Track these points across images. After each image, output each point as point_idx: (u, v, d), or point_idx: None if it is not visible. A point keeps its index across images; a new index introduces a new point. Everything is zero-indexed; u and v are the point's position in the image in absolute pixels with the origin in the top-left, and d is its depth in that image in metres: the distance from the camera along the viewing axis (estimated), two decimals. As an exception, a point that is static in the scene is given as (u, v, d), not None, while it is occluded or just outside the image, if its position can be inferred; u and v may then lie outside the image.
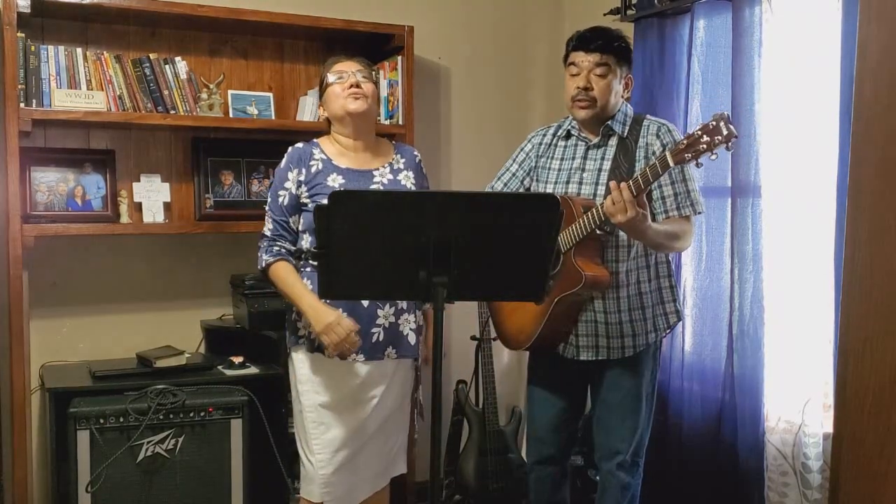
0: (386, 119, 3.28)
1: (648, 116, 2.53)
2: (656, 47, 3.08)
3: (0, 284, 2.79)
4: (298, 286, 2.39)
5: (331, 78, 2.48)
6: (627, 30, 3.19)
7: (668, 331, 2.55)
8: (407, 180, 2.54)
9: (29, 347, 2.85)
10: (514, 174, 2.65)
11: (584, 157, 2.50)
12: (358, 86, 2.45)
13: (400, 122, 3.26)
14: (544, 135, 2.64)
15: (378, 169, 2.51)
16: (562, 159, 2.55)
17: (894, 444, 1.83)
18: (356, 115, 2.45)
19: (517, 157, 2.67)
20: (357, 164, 2.49)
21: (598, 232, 2.33)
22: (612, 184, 2.19)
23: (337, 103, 2.46)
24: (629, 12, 3.17)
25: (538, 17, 3.79)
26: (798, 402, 2.66)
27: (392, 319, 2.42)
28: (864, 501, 1.90)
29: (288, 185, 2.45)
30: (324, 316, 2.31)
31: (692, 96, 2.97)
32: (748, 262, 2.74)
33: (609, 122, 2.47)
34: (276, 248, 2.44)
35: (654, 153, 2.42)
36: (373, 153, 2.54)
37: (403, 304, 2.44)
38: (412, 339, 2.48)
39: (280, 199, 2.45)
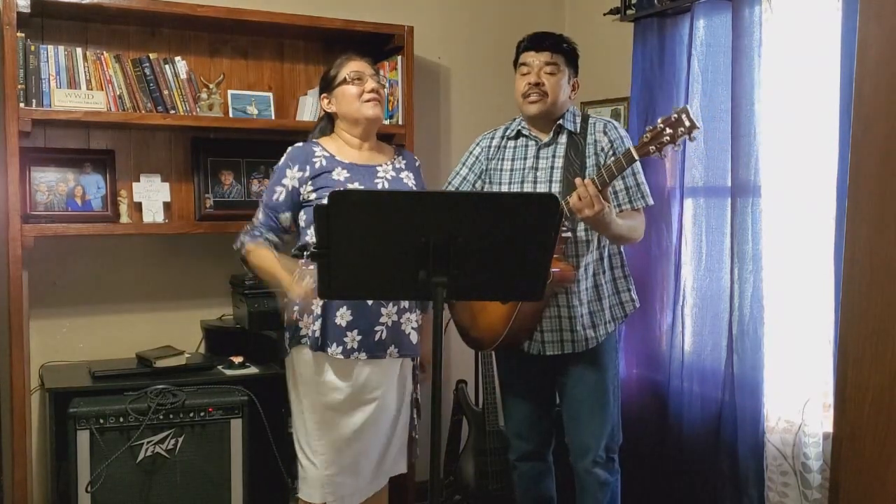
0: (386, 119, 3.28)
1: (592, 115, 2.60)
2: (656, 47, 3.08)
3: (0, 284, 2.80)
4: (276, 266, 2.37)
5: (346, 76, 2.48)
6: (627, 30, 3.20)
7: (624, 319, 2.61)
8: (408, 179, 2.56)
9: (29, 347, 2.85)
10: (464, 178, 2.69)
11: (536, 157, 2.56)
12: (377, 91, 2.47)
13: (400, 122, 3.25)
14: (492, 137, 2.69)
15: (381, 165, 2.52)
16: (513, 159, 2.60)
17: (894, 444, 1.83)
18: (372, 120, 2.48)
19: (466, 160, 2.71)
20: (361, 159, 2.51)
21: (560, 229, 2.38)
22: (578, 180, 2.24)
23: (353, 105, 2.47)
24: (629, 12, 3.17)
25: (538, 17, 3.79)
26: (798, 402, 2.66)
27: (395, 318, 2.43)
28: (864, 501, 1.90)
29: (286, 181, 2.45)
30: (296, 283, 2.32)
31: (692, 96, 2.97)
32: (748, 262, 2.74)
33: (560, 121, 2.54)
34: (258, 233, 2.46)
35: (602, 149, 2.50)
36: (375, 152, 2.55)
37: (405, 303, 2.45)
38: (413, 338, 2.48)
39: (276, 195, 2.46)
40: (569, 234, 2.46)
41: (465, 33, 3.68)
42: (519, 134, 2.61)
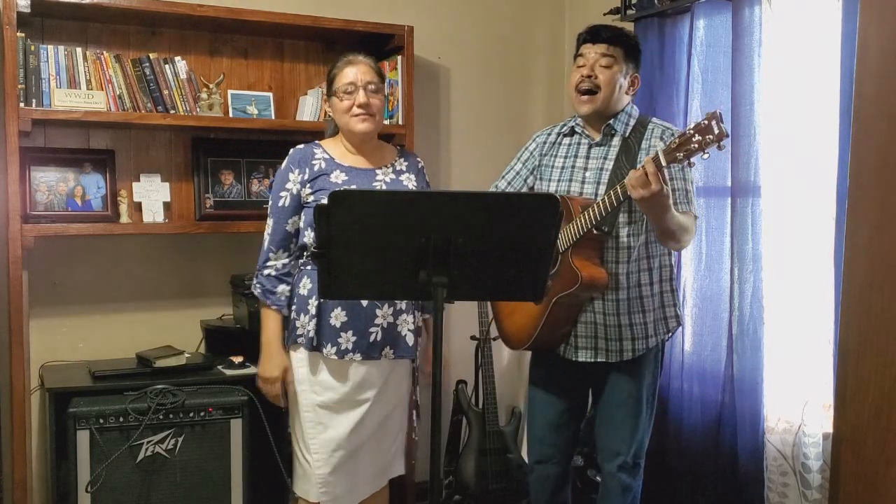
0: (386, 119, 3.28)
1: (654, 120, 2.51)
2: (656, 47, 3.08)
3: (0, 284, 2.79)
4: (269, 344, 2.48)
5: (338, 88, 2.45)
6: (627, 30, 3.19)
7: (668, 335, 2.54)
8: (409, 181, 2.55)
9: (29, 347, 2.84)
10: (518, 173, 2.65)
11: (587, 157, 2.50)
12: (367, 104, 2.43)
13: (400, 122, 3.26)
14: (549, 133, 2.64)
15: (381, 168, 2.52)
16: (565, 157, 2.55)
17: (894, 444, 1.83)
18: (362, 135, 2.47)
19: (521, 155, 2.67)
20: (360, 163, 2.50)
21: (594, 231, 2.33)
22: (647, 158, 2.15)
23: (343, 119, 2.46)
24: (629, 12, 3.17)
25: (538, 17, 3.79)
26: (798, 402, 2.66)
27: (390, 319, 2.42)
28: (864, 501, 1.90)
29: (289, 185, 2.45)
30: (269, 367, 2.46)
31: (692, 96, 2.97)
32: (748, 262, 2.74)
33: (611, 122, 2.46)
34: (267, 274, 2.46)
35: None
36: (376, 154, 2.55)
37: (402, 305, 2.45)
38: (410, 339, 2.48)
39: (281, 202, 2.46)
40: (604, 237, 2.37)
41: (465, 33, 3.68)
42: (573, 131, 2.56)
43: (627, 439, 2.50)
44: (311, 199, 2.43)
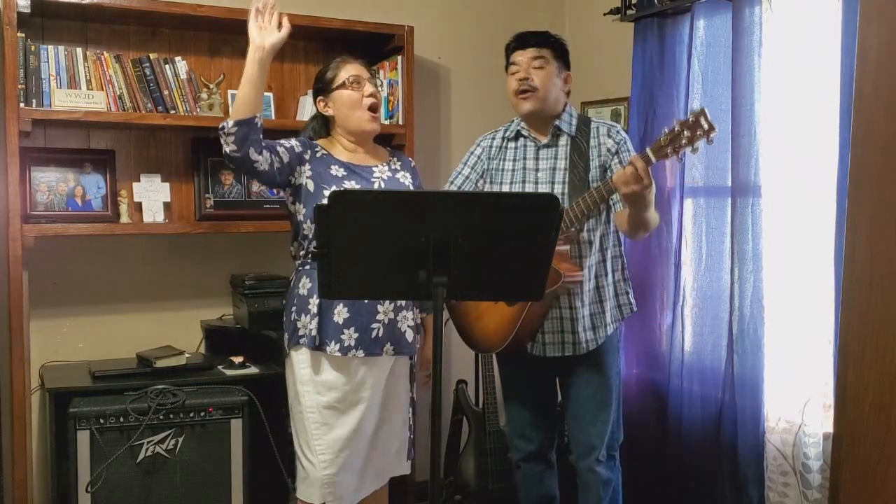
0: (386, 119, 3.28)
1: (594, 119, 2.60)
2: (656, 47, 3.08)
3: (0, 284, 2.79)
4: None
5: (345, 80, 2.48)
6: (627, 30, 3.20)
7: (621, 321, 2.61)
8: (405, 178, 2.58)
9: (29, 347, 2.85)
10: (466, 177, 2.70)
11: (536, 158, 2.57)
12: (375, 96, 2.49)
13: (400, 122, 3.26)
14: (493, 138, 2.70)
15: (377, 166, 2.53)
16: (514, 160, 2.61)
17: (894, 444, 1.83)
18: (370, 133, 2.51)
19: (468, 160, 2.72)
20: (356, 160, 2.53)
21: (573, 230, 2.42)
22: (633, 156, 2.22)
23: (354, 114, 2.49)
24: (629, 12, 3.17)
25: (538, 17, 3.79)
26: (798, 402, 2.66)
27: (391, 316, 2.43)
28: (864, 501, 1.90)
29: (293, 142, 2.46)
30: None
31: (692, 96, 2.97)
32: (748, 262, 2.74)
33: (557, 122, 2.53)
34: None
35: (608, 150, 2.50)
36: (371, 154, 2.57)
37: (402, 301, 2.45)
38: (410, 336, 2.48)
39: (283, 140, 2.45)
40: (575, 235, 2.45)
41: (465, 33, 3.68)
42: (518, 135, 2.62)
43: (601, 432, 2.55)
44: (306, 178, 2.44)
